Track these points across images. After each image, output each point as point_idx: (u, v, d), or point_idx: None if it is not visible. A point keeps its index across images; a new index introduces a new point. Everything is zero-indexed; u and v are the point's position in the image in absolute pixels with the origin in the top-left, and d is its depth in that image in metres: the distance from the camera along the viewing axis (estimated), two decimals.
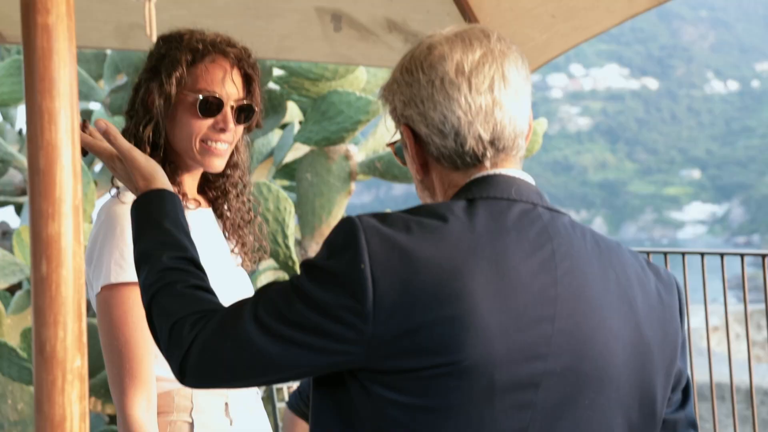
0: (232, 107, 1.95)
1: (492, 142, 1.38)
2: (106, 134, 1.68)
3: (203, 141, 1.94)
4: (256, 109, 2.00)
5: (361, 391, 1.30)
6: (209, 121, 1.94)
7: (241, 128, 2.00)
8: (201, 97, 1.92)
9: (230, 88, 1.95)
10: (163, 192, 1.59)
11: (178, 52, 1.93)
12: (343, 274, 1.27)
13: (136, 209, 1.58)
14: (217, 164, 1.98)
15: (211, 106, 1.93)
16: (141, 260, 1.50)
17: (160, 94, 1.93)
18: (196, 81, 1.94)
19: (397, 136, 1.50)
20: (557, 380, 1.29)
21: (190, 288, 1.43)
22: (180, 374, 1.37)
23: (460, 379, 1.25)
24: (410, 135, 1.41)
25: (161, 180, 1.62)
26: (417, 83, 1.38)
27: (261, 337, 1.30)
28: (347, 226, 1.30)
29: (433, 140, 1.39)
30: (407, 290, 1.24)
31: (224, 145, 1.96)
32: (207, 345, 1.33)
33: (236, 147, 2.07)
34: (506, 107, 1.37)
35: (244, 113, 1.98)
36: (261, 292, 1.35)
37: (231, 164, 2.07)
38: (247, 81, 2.00)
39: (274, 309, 1.30)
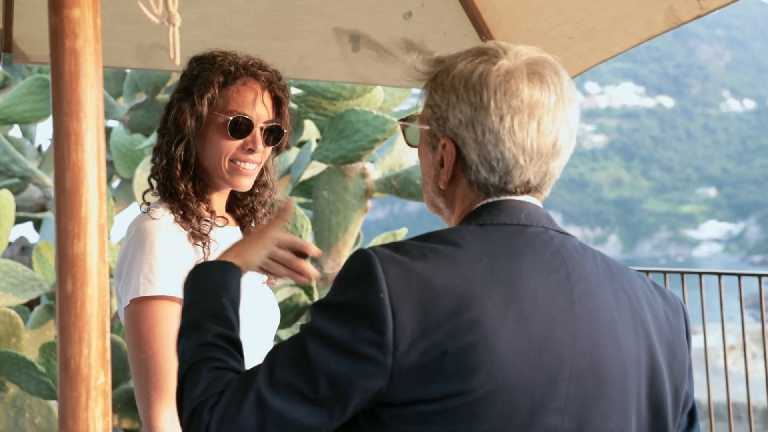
0: (261, 128, 1.99)
1: (537, 187, 1.38)
2: (281, 211, 1.60)
3: (232, 161, 1.98)
4: (285, 131, 2.04)
5: (379, 429, 1.26)
6: (239, 142, 1.97)
7: (269, 149, 2.04)
8: (231, 118, 1.95)
9: (260, 110, 1.99)
10: (230, 265, 1.51)
11: (211, 74, 1.97)
12: (361, 305, 1.24)
13: (201, 273, 1.50)
14: (245, 184, 2.01)
15: (241, 128, 1.96)
16: (189, 327, 1.43)
17: (191, 114, 1.97)
18: (228, 102, 1.97)
19: (416, 117, 1.44)
20: (580, 403, 1.29)
21: (223, 369, 1.34)
22: None
23: (483, 405, 1.23)
24: (453, 151, 1.37)
25: (232, 256, 1.55)
26: (484, 110, 1.32)
27: (281, 399, 1.24)
28: (361, 257, 1.27)
29: (478, 168, 1.35)
30: (427, 319, 1.22)
31: (252, 165, 2.00)
32: (224, 421, 1.26)
33: (266, 167, 2.10)
34: (562, 155, 1.37)
35: (273, 135, 2.02)
36: (272, 354, 1.29)
37: (260, 183, 2.11)
38: (277, 103, 2.04)
39: (290, 365, 1.25)
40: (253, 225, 2.13)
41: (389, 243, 1.31)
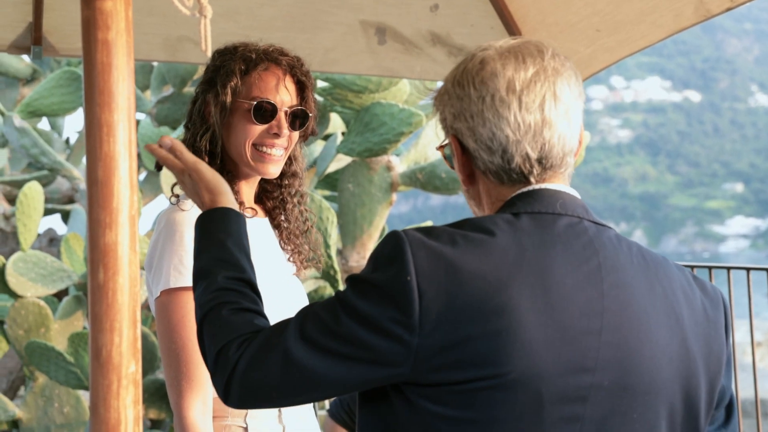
0: (285, 113, 2.00)
1: (539, 161, 1.38)
2: (172, 150, 1.65)
3: (256, 146, 1.99)
4: (310, 114, 2.05)
5: (406, 406, 1.30)
6: (263, 127, 1.99)
7: (296, 135, 2.04)
8: (255, 103, 1.97)
9: (284, 94, 2.00)
10: (227, 210, 1.57)
11: (232, 63, 1.99)
12: (389, 286, 1.28)
13: (200, 224, 1.57)
14: (272, 171, 2.01)
15: (265, 113, 1.98)
16: (199, 276, 1.50)
17: (216, 104, 1.98)
18: (250, 89, 1.99)
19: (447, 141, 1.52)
20: (605, 394, 1.29)
21: (241, 311, 1.42)
22: (224, 395, 1.36)
23: (507, 392, 1.25)
24: (458, 147, 1.43)
25: (226, 197, 1.61)
26: (467, 98, 1.39)
27: (307, 353, 1.30)
28: (393, 239, 1.31)
29: (480, 155, 1.40)
30: (453, 303, 1.25)
31: (279, 150, 2.01)
32: (251, 364, 1.33)
33: (294, 156, 2.11)
34: (556, 126, 1.38)
35: (298, 119, 2.02)
36: (305, 309, 1.36)
37: (290, 173, 2.12)
38: (301, 88, 2.04)
39: (321, 324, 1.31)
40: (283, 217, 2.13)
41: (423, 227, 1.34)
